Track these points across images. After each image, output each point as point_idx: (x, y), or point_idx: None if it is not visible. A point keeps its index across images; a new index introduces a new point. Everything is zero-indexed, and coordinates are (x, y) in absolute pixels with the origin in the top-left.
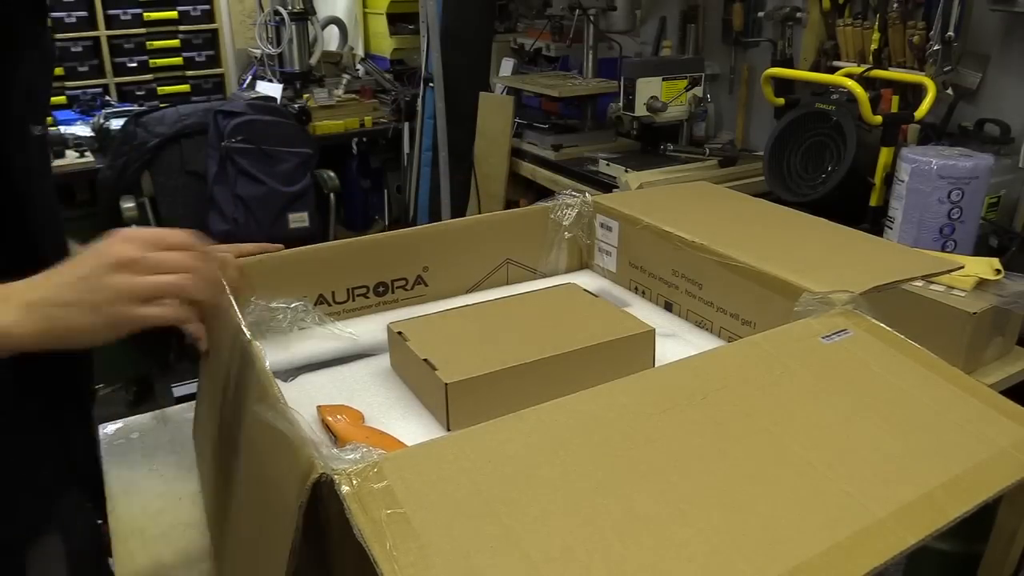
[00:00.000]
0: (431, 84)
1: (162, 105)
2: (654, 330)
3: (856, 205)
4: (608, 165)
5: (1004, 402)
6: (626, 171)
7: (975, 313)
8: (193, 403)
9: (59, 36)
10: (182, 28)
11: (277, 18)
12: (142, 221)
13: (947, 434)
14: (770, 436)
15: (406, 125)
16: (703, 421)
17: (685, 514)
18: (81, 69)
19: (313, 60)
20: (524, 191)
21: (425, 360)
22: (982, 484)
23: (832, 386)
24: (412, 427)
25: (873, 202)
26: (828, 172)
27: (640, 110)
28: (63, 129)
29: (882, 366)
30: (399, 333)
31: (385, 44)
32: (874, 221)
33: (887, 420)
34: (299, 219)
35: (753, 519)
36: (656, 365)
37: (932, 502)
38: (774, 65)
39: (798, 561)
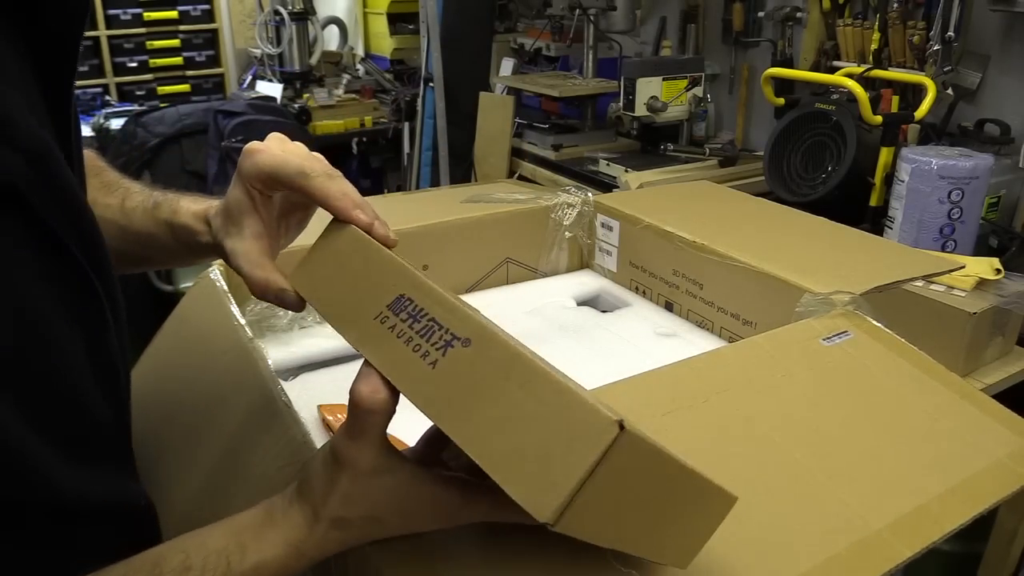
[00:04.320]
0: (431, 84)
1: (162, 105)
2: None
3: (856, 205)
4: (608, 165)
5: (1001, 410)
6: (626, 171)
7: (975, 313)
8: None
9: None
10: (182, 28)
11: (277, 18)
12: None
13: (944, 443)
14: (770, 442)
15: (406, 125)
16: (705, 424)
17: None
18: (81, 69)
19: (313, 60)
20: None
21: None
22: (978, 496)
23: (832, 391)
24: (412, 426)
25: (873, 202)
26: (828, 172)
27: (640, 110)
28: None
29: (881, 370)
30: None
31: (385, 44)
32: (874, 221)
33: (886, 428)
34: None
35: (752, 528)
36: (657, 366)
37: (928, 514)
38: (774, 65)
39: (796, 573)
